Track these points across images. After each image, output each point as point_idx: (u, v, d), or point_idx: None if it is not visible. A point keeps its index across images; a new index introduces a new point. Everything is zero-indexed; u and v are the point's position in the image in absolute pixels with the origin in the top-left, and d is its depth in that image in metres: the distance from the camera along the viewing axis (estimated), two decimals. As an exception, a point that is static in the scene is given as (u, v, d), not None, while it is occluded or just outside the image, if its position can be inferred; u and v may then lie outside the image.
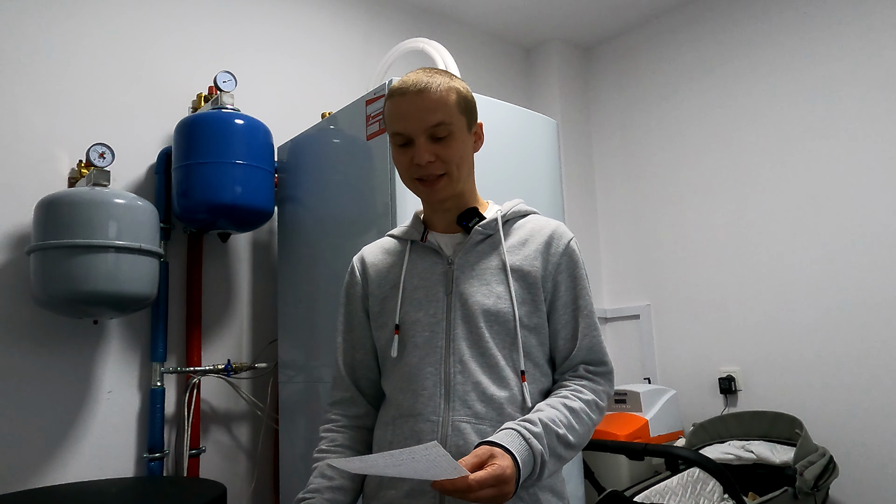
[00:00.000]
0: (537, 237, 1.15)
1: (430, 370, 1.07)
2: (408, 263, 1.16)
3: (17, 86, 1.98)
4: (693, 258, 3.07)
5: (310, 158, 2.14)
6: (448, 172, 1.09)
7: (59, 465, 1.91)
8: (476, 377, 1.05)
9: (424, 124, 1.06)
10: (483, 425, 1.03)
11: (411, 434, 1.05)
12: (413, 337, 1.10)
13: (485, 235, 1.15)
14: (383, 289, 1.17)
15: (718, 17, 3.07)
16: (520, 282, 1.11)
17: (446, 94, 1.08)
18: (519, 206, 1.20)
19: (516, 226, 1.17)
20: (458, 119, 1.09)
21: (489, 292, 1.09)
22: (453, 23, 3.29)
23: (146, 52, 2.25)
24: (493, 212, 1.18)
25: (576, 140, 3.49)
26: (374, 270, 1.20)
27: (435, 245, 1.15)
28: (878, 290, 2.48)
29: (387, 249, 1.22)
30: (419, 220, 1.20)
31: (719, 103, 3.04)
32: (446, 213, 1.16)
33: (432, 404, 1.05)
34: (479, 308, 1.08)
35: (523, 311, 1.09)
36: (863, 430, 2.47)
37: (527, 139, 2.04)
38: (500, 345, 1.08)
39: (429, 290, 1.12)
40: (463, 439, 1.02)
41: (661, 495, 2.05)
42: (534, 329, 1.10)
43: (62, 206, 1.76)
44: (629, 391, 2.77)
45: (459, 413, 1.04)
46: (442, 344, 1.08)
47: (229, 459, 2.23)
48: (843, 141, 2.62)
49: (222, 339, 2.29)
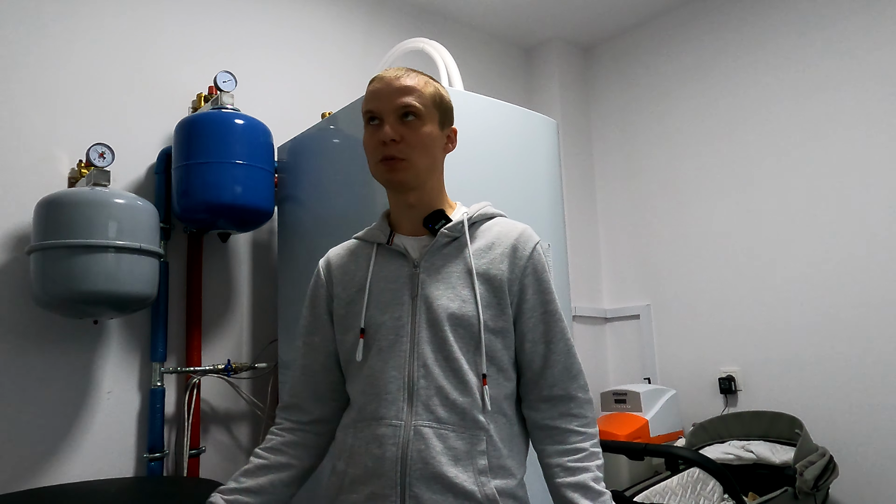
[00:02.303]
0: (504, 240, 1.15)
1: (394, 374, 1.07)
2: (374, 266, 1.15)
3: (17, 86, 1.98)
4: (693, 258, 3.07)
5: (310, 158, 2.14)
6: (409, 158, 1.09)
7: (59, 465, 1.91)
8: (439, 382, 1.05)
9: (395, 104, 1.09)
10: (445, 430, 1.03)
11: (372, 438, 1.05)
12: (378, 341, 1.10)
13: (451, 238, 1.14)
14: (349, 291, 1.16)
15: (718, 16, 3.08)
16: (485, 285, 1.11)
17: (423, 83, 1.12)
18: (486, 209, 1.20)
19: (482, 228, 1.17)
20: (431, 111, 1.12)
21: (454, 296, 1.09)
22: (453, 23, 3.29)
23: (146, 52, 2.25)
24: (460, 214, 1.18)
25: (576, 140, 3.49)
26: (340, 273, 1.19)
27: (401, 248, 1.15)
28: (878, 289, 2.48)
29: (353, 252, 1.22)
30: (385, 222, 1.19)
31: (719, 103, 3.04)
32: (412, 212, 1.15)
33: (395, 408, 1.05)
34: (444, 312, 1.08)
35: (488, 314, 1.10)
36: (863, 430, 2.47)
37: (527, 139, 2.04)
38: (463, 349, 1.08)
39: (394, 294, 1.12)
40: (425, 444, 1.02)
41: (661, 495, 2.05)
42: (499, 332, 1.10)
43: (62, 206, 1.76)
44: (629, 391, 2.77)
45: (422, 417, 1.04)
46: (406, 348, 1.08)
47: (229, 459, 2.23)
48: (843, 140, 2.62)
49: (222, 339, 2.29)
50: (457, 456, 1.03)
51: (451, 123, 1.18)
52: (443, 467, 1.01)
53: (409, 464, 1.01)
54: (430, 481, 1.01)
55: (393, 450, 1.02)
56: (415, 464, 1.01)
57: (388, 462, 1.02)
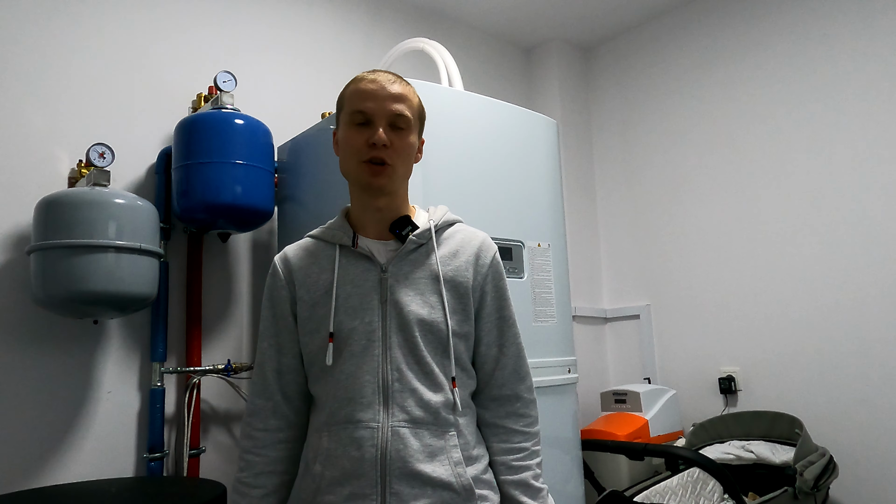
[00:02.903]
0: (467, 248, 1.19)
1: (368, 378, 1.09)
2: (339, 269, 1.15)
3: (17, 86, 1.98)
4: (693, 258, 3.07)
5: (310, 158, 2.14)
6: (394, 165, 1.11)
7: (59, 465, 1.91)
8: (413, 384, 1.09)
9: (390, 111, 1.11)
10: (420, 429, 1.08)
11: (350, 441, 1.07)
12: (350, 346, 1.11)
13: (418, 245, 1.16)
14: (313, 294, 1.15)
15: (718, 17, 3.08)
16: (452, 291, 1.15)
17: (412, 94, 1.16)
18: (448, 216, 1.23)
19: (445, 235, 1.21)
20: (415, 122, 1.16)
21: (423, 302, 1.13)
22: (453, 23, 3.29)
23: (146, 53, 2.25)
24: (424, 220, 1.20)
25: (576, 140, 3.49)
26: (302, 274, 1.18)
27: (366, 251, 1.15)
28: (878, 289, 2.48)
29: (311, 252, 1.20)
30: (346, 223, 1.19)
31: (719, 103, 3.04)
32: (379, 215, 1.16)
33: (371, 411, 1.07)
34: (415, 317, 1.11)
35: (455, 320, 1.14)
36: (863, 430, 2.47)
37: (527, 139, 2.04)
38: (432, 352, 1.12)
39: (363, 298, 1.12)
40: (402, 444, 1.06)
41: (661, 495, 2.05)
42: (463, 336, 1.16)
43: (62, 206, 1.76)
44: (629, 391, 2.77)
45: (398, 418, 1.07)
46: (379, 352, 1.10)
47: (229, 459, 2.23)
48: (843, 140, 2.62)
49: (222, 339, 2.29)
50: (433, 452, 1.07)
51: (422, 134, 1.22)
52: (421, 464, 1.05)
53: (388, 463, 1.05)
54: (410, 478, 1.05)
55: (372, 451, 1.05)
56: (394, 463, 1.05)
57: (367, 463, 1.05)
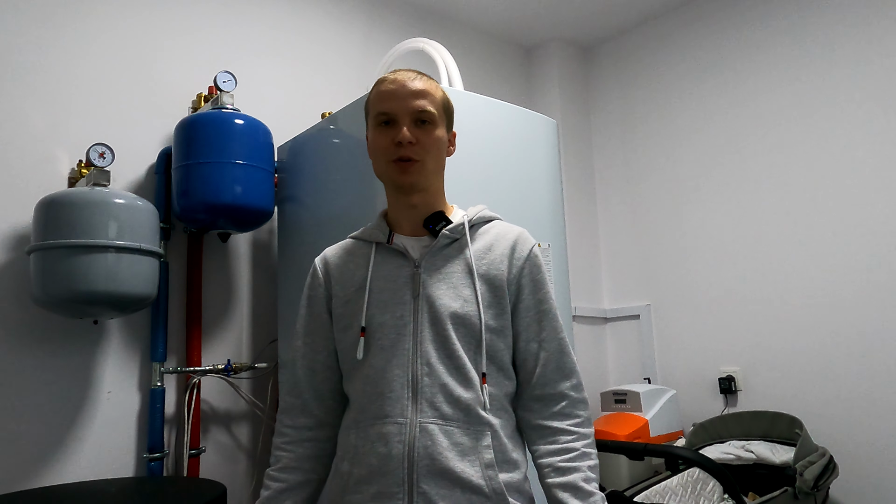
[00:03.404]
0: (502, 242, 1.17)
1: (398, 372, 1.08)
2: (373, 265, 1.16)
3: (17, 86, 1.98)
4: (693, 258, 3.07)
5: (310, 158, 2.14)
6: (423, 160, 1.11)
7: (59, 465, 1.91)
8: (443, 379, 1.07)
9: (412, 108, 1.11)
10: (450, 426, 1.05)
11: (378, 437, 1.06)
12: (379, 339, 1.10)
13: (451, 239, 1.16)
14: (347, 290, 1.16)
15: (718, 17, 3.07)
16: (486, 285, 1.13)
17: (435, 88, 1.16)
18: (484, 212, 1.22)
19: (481, 231, 1.19)
20: (441, 115, 1.15)
21: (456, 296, 1.11)
22: (453, 23, 3.29)
23: (146, 53, 2.25)
24: (459, 216, 1.20)
25: (576, 140, 3.49)
26: (338, 272, 1.19)
27: (401, 247, 1.15)
28: (878, 289, 2.48)
29: (350, 251, 1.22)
30: (384, 222, 1.20)
31: (719, 103, 3.04)
32: (413, 212, 1.16)
33: (399, 406, 1.06)
34: (447, 311, 1.10)
35: (489, 314, 1.12)
36: (863, 430, 2.47)
37: (527, 139, 2.04)
38: (465, 347, 1.09)
39: (395, 293, 1.12)
40: (431, 440, 1.03)
41: (661, 495, 2.05)
42: (500, 332, 1.12)
43: (62, 206, 1.76)
44: (629, 391, 2.77)
45: (427, 414, 1.05)
46: (409, 346, 1.09)
47: (229, 459, 2.23)
48: (843, 141, 2.62)
49: (222, 339, 2.29)
50: (463, 451, 1.04)
51: (452, 127, 1.21)
52: (450, 462, 1.02)
53: (415, 460, 1.02)
54: (438, 477, 1.02)
55: (399, 447, 1.03)
56: (422, 460, 1.02)
57: (394, 460, 1.03)
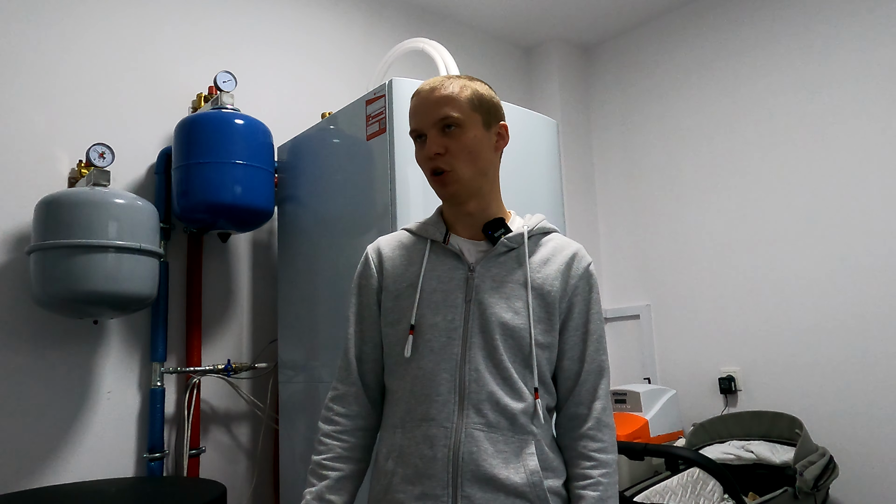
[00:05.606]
0: (559, 257, 1.16)
1: (446, 376, 1.08)
2: (427, 263, 1.15)
3: (17, 86, 1.98)
4: (693, 258, 3.07)
5: (310, 158, 2.14)
6: (454, 168, 1.10)
7: (59, 465, 1.91)
8: (490, 387, 1.07)
9: (433, 118, 1.10)
10: (495, 434, 1.05)
11: (423, 439, 1.06)
12: (429, 340, 1.10)
13: (509, 248, 1.15)
14: (398, 285, 1.16)
15: (718, 16, 3.08)
16: (539, 300, 1.12)
17: (458, 90, 1.11)
18: (543, 223, 1.21)
19: (540, 243, 1.18)
20: (470, 115, 1.11)
21: (508, 307, 1.10)
22: (453, 23, 3.29)
23: (146, 52, 2.25)
24: (518, 225, 1.18)
25: (576, 140, 3.49)
26: (391, 265, 1.18)
27: (456, 249, 1.15)
28: (878, 290, 2.48)
29: (404, 244, 1.21)
30: (441, 219, 1.19)
31: (719, 103, 3.04)
32: (469, 218, 1.16)
33: (446, 410, 1.06)
34: (497, 320, 1.09)
35: (539, 329, 1.11)
36: (863, 430, 2.47)
37: (527, 139, 2.04)
38: (512, 358, 1.09)
39: (447, 295, 1.11)
40: (476, 446, 1.04)
41: (661, 495, 2.05)
42: (546, 347, 1.12)
43: (62, 206, 1.76)
44: (629, 391, 2.76)
45: (473, 421, 1.05)
46: (458, 351, 1.08)
47: (229, 459, 2.23)
48: (844, 141, 2.62)
49: (222, 339, 2.29)
50: (507, 458, 1.05)
51: (498, 120, 1.16)
52: (495, 469, 1.03)
53: (460, 465, 1.03)
54: (483, 482, 1.03)
55: (444, 451, 1.04)
56: (466, 465, 1.03)
57: (439, 463, 1.04)
